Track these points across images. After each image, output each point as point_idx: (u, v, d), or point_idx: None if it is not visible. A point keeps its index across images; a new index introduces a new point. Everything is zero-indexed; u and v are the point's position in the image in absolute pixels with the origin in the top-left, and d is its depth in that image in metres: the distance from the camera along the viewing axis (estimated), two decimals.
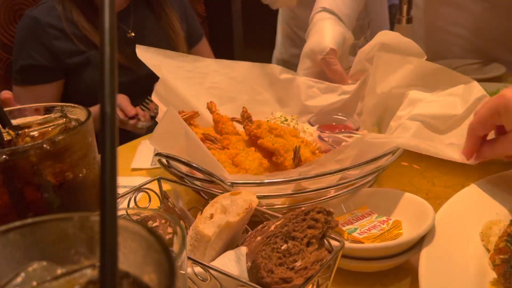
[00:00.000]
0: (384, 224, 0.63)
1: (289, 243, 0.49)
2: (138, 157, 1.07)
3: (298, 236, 0.49)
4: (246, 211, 0.55)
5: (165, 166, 0.73)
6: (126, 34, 1.56)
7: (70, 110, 0.55)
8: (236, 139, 0.82)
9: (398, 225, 0.63)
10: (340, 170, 0.67)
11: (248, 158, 0.76)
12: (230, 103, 0.99)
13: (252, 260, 0.48)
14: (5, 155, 0.42)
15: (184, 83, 0.95)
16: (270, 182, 0.65)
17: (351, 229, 0.64)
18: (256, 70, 1.05)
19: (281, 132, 0.80)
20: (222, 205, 0.57)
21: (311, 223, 0.50)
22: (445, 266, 0.56)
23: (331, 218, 0.52)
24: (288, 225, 0.50)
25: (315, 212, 0.51)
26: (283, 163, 0.75)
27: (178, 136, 0.69)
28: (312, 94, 1.05)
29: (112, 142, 0.24)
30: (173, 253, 0.35)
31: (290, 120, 0.95)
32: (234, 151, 0.78)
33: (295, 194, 0.68)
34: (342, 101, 1.03)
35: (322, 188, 0.67)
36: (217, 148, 0.80)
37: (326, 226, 0.51)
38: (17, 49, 1.46)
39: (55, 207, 0.46)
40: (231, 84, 1.01)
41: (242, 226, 0.58)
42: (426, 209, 0.63)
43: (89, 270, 0.30)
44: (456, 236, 0.62)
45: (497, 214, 0.65)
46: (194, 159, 0.67)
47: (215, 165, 0.67)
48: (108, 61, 0.25)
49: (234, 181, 0.66)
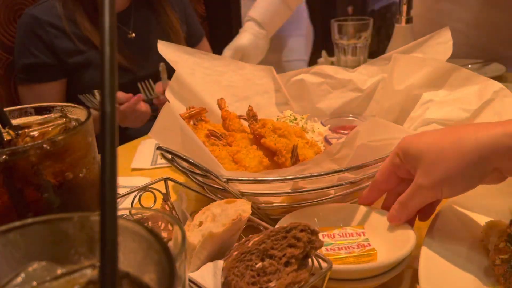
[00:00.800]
0: (359, 248, 0.60)
1: (266, 262, 0.46)
2: (138, 157, 1.07)
3: (276, 254, 0.46)
4: (232, 223, 0.53)
5: (169, 160, 0.73)
6: (127, 35, 1.56)
7: (70, 110, 0.55)
8: (241, 136, 0.82)
9: (372, 255, 0.59)
10: (336, 171, 0.65)
11: (248, 156, 0.76)
12: (244, 101, 1.00)
13: (225, 276, 0.46)
14: (5, 155, 0.42)
15: (201, 79, 0.96)
16: (265, 180, 0.65)
17: (327, 242, 0.62)
18: (270, 73, 1.06)
19: (285, 132, 0.79)
20: (212, 213, 0.56)
21: (292, 241, 0.47)
22: (445, 266, 0.56)
23: (316, 238, 0.48)
24: (266, 242, 0.47)
25: (297, 230, 0.48)
26: (284, 164, 0.75)
27: (175, 132, 0.70)
28: (322, 93, 1.05)
29: (112, 142, 0.24)
30: (173, 254, 0.35)
31: (299, 119, 0.95)
32: (235, 148, 0.78)
33: (291, 193, 0.67)
34: (355, 101, 1.04)
35: (318, 189, 0.67)
36: (221, 144, 0.80)
37: (309, 246, 0.47)
38: (19, 48, 1.46)
39: (55, 207, 0.46)
40: (246, 84, 1.02)
41: (231, 236, 0.56)
42: (409, 238, 0.60)
43: (89, 270, 0.30)
44: (456, 236, 0.62)
45: (497, 214, 0.65)
46: (192, 155, 0.67)
47: (211, 161, 0.67)
48: (108, 61, 0.25)
49: (230, 177, 0.65)
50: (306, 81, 1.05)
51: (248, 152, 0.77)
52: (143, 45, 1.57)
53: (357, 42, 1.50)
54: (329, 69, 1.05)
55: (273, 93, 1.06)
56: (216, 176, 0.64)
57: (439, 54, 0.92)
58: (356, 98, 1.04)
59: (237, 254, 0.47)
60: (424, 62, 0.87)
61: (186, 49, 0.97)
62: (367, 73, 1.04)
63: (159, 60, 1.23)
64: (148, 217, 0.46)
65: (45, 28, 1.42)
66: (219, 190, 0.70)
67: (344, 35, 1.50)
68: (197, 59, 0.97)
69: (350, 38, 1.50)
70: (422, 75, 0.87)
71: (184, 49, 0.97)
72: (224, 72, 1.00)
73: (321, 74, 1.05)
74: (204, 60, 0.98)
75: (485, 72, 1.38)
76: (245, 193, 0.67)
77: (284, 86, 1.06)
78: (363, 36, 1.49)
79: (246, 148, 0.78)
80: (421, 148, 0.58)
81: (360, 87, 1.03)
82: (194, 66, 0.96)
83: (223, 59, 1.01)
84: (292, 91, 1.07)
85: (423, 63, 0.87)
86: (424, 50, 0.95)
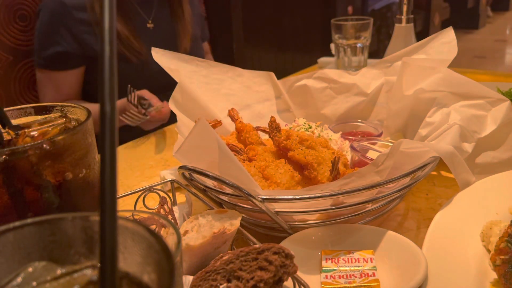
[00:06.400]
0: (362, 277, 0.57)
1: (232, 283, 0.43)
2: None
3: (244, 276, 0.43)
4: (212, 236, 0.51)
5: (187, 179, 0.69)
6: (146, 24, 1.56)
7: (70, 110, 0.55)
8: (263, 150, 0.78)
9: (373, 287, 0.56)
10: (381, 183, 0.61)
11: (278, 171, 0.71)
12: (246, 110, 0.97)
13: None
14: (5, 155, 0.42)
15: (200, 88, 0.92)
16: (306, 198, 0.60)
17: (328, 268, 0.59)
18: (270, 79, 1.04)
19: (312, 143, 0.74)
20: (199, 224, 0.55)
21: (263, 264, 0.44)
22: (445, 267, 0.56)
23: (290, 262, 0.45)
24: (234, 262, 0.45)
25: (270, 252, 0.44)
26: (316, 177, 0.70)
27: (208, 149, 0.64)
28: (326, 98, 1.04)
29: (112, 142, 0.24)
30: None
31: (314, 128, 0.92)
32: (263, 163, 0.73)
33: (331, 209, 0.62)
34: (360, 106, 1.02)
35: (359, 203, 0.63)
36: (242, 159, 0.76)
37: (282, 271, 0.44)
38: (42, 34, 1.44)
39: (55, 207, 0.46)
40: (246, 92, 0.99)
41: (215, 248, 0.54)
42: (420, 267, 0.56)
43: (89, 270, 0.30)
44: (456, 236, 0.62)
45: (497, 214, 0.65)
46: (226, 173, 0.62)
47: (248, 180, 0.62)
48: (108, 61, 0.25)
49: (267, 197, 0.60)
50: (309, 86, 1.04)
51: (277, 167, 0.72)
52: (159, 37, 1.57)
53: (357, 42, 1.50)
54: (332, 73, 1.04)
55: (274, 100, 1.04)
56: (250, 195, 0.59)
57: (444, 54, 0.90)
58: (361, 102, 1.02)
59: (201, 272, 0.45)
60: (433, 70, 0.85)
61: (182, 56, 0.93)
62: (370, 76, 1.02)
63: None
64: (145, 219, 0.46)
65: (71, 12, 1.40)
66: (247, 210, 0.66)
67: (344, 35, 1.50)
68: (194, 67, 0.94)
69: (350, 38, 1.50)
70: (432, 81, 0.85)
71: (180, 57, 0.93)
72: (223, 80, 0.97)
73: (324, 78, 1.04)
74: (202, 68, 0.95)
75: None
76: (279, 212, 0.63)
77: (286, 93, 1.04)
78: (363, 36, 1.49)
79: (274, 163, 0.74)
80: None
81: (365, 91, 1.02)
82: (192, 75, 0.93)
83: (220, 66, 0.98)
84: (296, 98, 1.05)
85: (433, 71, 0.85)
86: (427, 51, 0.94)
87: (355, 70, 1.22)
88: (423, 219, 0.75)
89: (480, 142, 0.76)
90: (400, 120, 0.93)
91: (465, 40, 6.57)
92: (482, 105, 0.78)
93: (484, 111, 0.78)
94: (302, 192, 0.62)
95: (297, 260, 0.47)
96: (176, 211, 0.68)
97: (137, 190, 0.72)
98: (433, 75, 0.85)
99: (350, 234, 0.65)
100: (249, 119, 0.94)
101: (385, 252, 0.62)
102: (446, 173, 0.89)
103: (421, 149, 0.67)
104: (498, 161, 0.78)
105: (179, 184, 0.78)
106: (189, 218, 0.58)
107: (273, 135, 0.78)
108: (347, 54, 1.52)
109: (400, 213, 0.77)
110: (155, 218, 0.44)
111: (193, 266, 0.53)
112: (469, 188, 0.71)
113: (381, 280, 0.57)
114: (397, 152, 0.63)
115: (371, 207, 0.67)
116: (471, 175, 0.72)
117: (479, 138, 0.76)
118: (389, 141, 0.87)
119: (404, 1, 1.27)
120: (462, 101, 0.80)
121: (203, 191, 0.70)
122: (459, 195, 0.69)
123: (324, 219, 0.66)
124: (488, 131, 0.77)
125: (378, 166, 0.63)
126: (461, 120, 0.76)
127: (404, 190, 0.66)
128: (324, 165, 0.72)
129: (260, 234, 0.70)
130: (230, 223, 0.54)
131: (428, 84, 0.85)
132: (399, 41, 1.29)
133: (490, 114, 0.78)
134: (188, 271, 0.53)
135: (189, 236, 0.53)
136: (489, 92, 0.79)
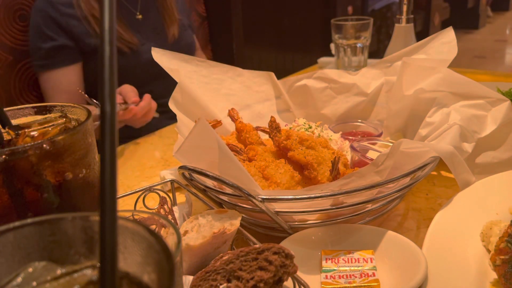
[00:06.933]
0: (362, 277, 0.57)
1: (232, 283, 0.43)
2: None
3: (244, 276, 0.43)
4: (212, 236, 0.51)
5: (187, 179, 0.69)
6: (135, 16, 1.58)
7: (70, 110, 0.55)
8: (263, 150, 0.78)
9: (373, 287, 0.56)
10: (381, 183, 0.61)
11: (278, 171, 0.71)
12: (246, 110, 0.97)
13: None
14: (5, 155, 0.42)
15: (200, 88, 0.92)
16: (306, 198, 0.60)
17: (328, 268, 0.59)
18: (270, 79, 1.04)
19: (312, 143, 0.74)
20: (199, 224, 0.55)
21: (263, 264, 0.44)
22: (445, 267, 0.56)
23: (290, 262, 0.45)
24: (234, 262, 0.45)
25: (270, 252, 0.44)
26: (316, 178, 0.70)
27: (208, 149, 0.64)
28: (326, 99, 1.04)
29: (112, 142, 0.24)
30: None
31: (314, 128, 0.92)
32: (263, 163, 0.73)
33: (331, 209, 0.63)
34: (360, 106, 1.03)
35: (359, 203, 0.63)
36: (242, 159, 0.76)
37: (282, 271, 0.44)
38: (35, 33, 1.46)
39: (55, 207, 0.46)
40: (246, 92, 0.99)
41: (216, 248, 0.55)
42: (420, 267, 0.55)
43: (89, 270, 0.30)
44: (456, 236, 0.62)
45: (497, 214, 0.65)
46: (226, 173, 0.62)
47: (248, 180, 0.62)
48: (108, 60, 0.25)
49: (266, 197, 0.61)
50: (309, 86, 1.04)
51: (277, 167, 0.72)
52: (149, 27, 1.59)
53: (357, 42, 1.50)
54: (332, 73, 1.04)
55: (274, 100, 1.04)
56: (250, 196, 0.60)
57: (444, 54, 0.90)
58: (361, 102, 1.03)
59: (201, 272, 0.45)
60: (433, 70, 0.85)
61: (182, 56, 0.93)
62: (370, 76, 1.02)
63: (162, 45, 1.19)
64: (145, 219, 0.46)
65: (58, 8, 1.43)
66: (247, 210, 0.66)
67: (344, 35, 1.50)
68: (194, 67, 0.94)
69: (350, 38, 1.50)
70: (432, 81, 0.85)
71: (180, 57, 0.93)
72: (223, 80, 0.97)
73: (324, 78, 1.04)
74: (202, 68, 0.95)
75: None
76: (279, 212, 0.63)
77: (286, 93, 1.04)
78: (363, 36, 1.49)
79: (274, 163, 0.74)
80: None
81: (365, 91, 1.02)
82: (192, 75, 0.93)
83: (220, 66, 0.98)
84: (296, 98, 1.05)
85: (433, 71, 0.85)
86: (427, 51, 0.94)
87: (355, 70, 1.22)
88: (423, 219, 0.75)
89: (480, 142, 0.76)
90: (400, 120, 0.93)
91: (465, 40, 6.57)
92: (482, 105, 0.78)
93: (484, 111, 0.78)
94: (302, 192, 0.62)
95: (297, 260, 0.47)
96: (176, 211, 0.68)
97: (137, 190, 0.72)
98: (433, 75, 0.85)
99: (350, 234, 0.65)
100: (249, 119, 0.94)
101: (385, 252, 0.62)
102: (446, 173, 0.89)
103: (421, 149, 0.67)
104: (498, 161, 0.78)
105: (179, 184, 0.78)
106: (189, 218, 0.58)
107: (273, 135, 0.78)
108: (347, 54, 1.52)
109: (400, 213, 0.77)
110: (155, 218, 0.44)
111: (193, 266, 0.53)
112: (469, 188, 0.71)
113: (381, 280, 0.57)
114: (397, 152, 0.63)
115: (371, 207, 0.67)
116: (471, 175, 0.72)
117: (479, 138, 0.76)
118: (389, 141, 0.87)
119: (404, 1, 1.27)
120: (462, 101, 0.80)
121: (203, 191, 0.70)
122: (459, 195, 0.69)
123: (324, 219, 0.66)
124: (488, 131, 0.77)
125: (378, 166, 0.63)
126: (461, 120, 0.76)
127: (404, 190, 0.66)
128: (324, 165, 0.72)
129: (260, 234, 0.70)
130: (230, 223, 0.54)
131: (428, 84, 0.85)
132: (399, 41, 1.29)
133: (490, 114, 0.78)
134: (188, 271, 0.53)
135: (189, 236, 0.53)
136: (489, 92, 0.79)
